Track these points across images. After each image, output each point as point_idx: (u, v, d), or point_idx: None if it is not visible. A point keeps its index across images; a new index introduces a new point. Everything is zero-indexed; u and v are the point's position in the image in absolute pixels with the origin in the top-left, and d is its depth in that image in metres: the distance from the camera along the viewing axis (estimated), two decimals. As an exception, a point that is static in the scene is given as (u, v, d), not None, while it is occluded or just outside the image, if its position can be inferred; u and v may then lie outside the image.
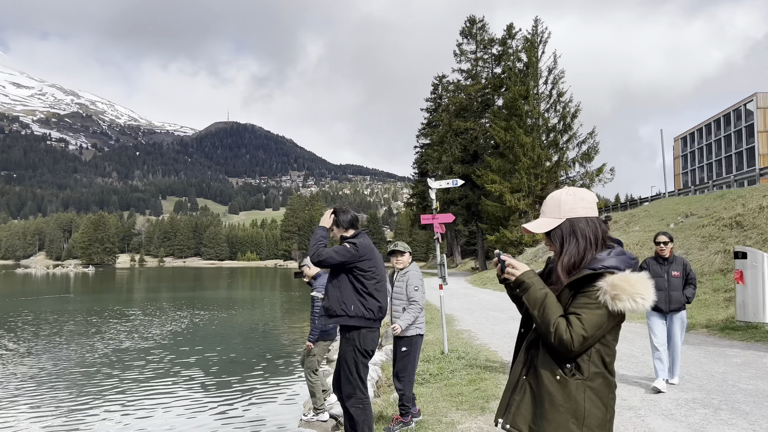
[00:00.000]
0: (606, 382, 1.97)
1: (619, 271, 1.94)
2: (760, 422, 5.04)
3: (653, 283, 1.94)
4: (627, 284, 1.88)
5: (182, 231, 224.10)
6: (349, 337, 4.33)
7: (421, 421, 5.38)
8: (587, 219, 2.08)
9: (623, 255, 2.02)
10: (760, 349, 8.41)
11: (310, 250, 4.21)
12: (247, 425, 8.45)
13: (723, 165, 74.26)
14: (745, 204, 18.17)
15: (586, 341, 1.91)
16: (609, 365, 1.99)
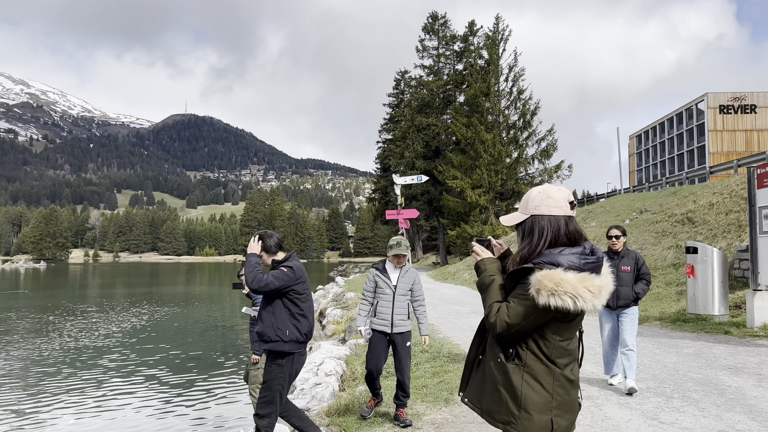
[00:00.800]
0: (547, 370, 2.09)
1: (555, 267, 2.01)
2: (709, 409, 5.29)
3: (599, 284, 2.01)
4: (549, 281, 1.97)
5: (138, 225, 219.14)
6: (282, 363, 4.29)
7: (388, 412, 5.46)
8: (549, 217, 2.16)
9: (575, 254, 2.07)
10: (709, 340, 8.78)
11: (249, 277, 4.14)
12: (205, 424, 8.39)
13: (676, 162, 76.66)
14: (696, 200, 18.85)
15: (510, 328, 2.06)
16: (552, 357, 2.09)
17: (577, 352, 2.21)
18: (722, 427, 4.77)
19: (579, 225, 2.20)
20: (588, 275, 2.02)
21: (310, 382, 7.60)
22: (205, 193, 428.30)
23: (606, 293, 2.05)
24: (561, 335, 2.10)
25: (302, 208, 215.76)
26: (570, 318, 2.07)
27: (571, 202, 2.20)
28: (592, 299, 1.99)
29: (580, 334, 2.41)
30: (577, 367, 2.20)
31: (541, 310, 2.01)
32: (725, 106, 70.60)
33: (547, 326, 2.09)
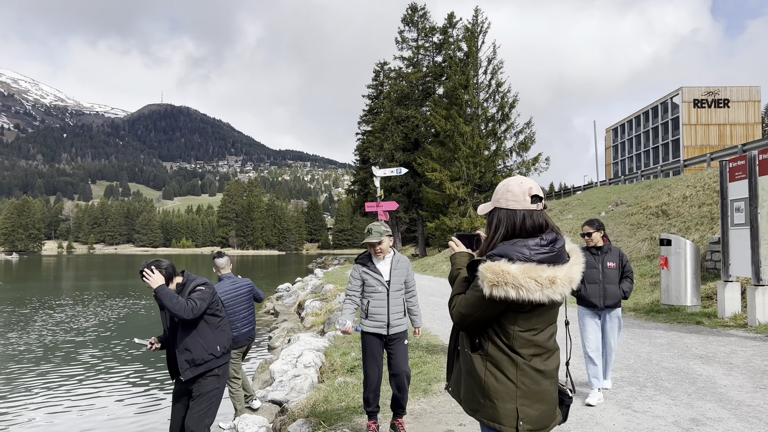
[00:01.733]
0: (509, 360, 2.12)
1: (501, 259, 2.05)
2: (681, 397, 5.42)
3: (548, 274, 2.02)
4: (491, 272, 2.02)
5: (113, 217, 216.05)
6: (219, 373, 4.29)
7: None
8: (507, 211, 2.20)
9: (526, 246, 2.10)
10: (681, 331, 8.97)
11: (177, 309, 3.97)
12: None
13: (651, 156, 77.80)
14: (671, 193, 19.17)
15: (464, 318, 2.15)
16: (514, 347, 2.12)
17: (551, 344, 2.21)
18: (693, 415, 4.89)
19: (545, 217, 2.21)
20: (534, 266, 2.03)
21: (289, 374, 7.59)
22: (182, 185, 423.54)
23: (564, 284, 2.06)
24: (520, 326, 2.12)
25: (280, 199, 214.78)
26: (527, 309, 2.09)
27: (534, 196, 2.20)
28: (538, 290, 2.00)
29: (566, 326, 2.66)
30: (553, 359, 2.21)
31: (489, 301, 2.05)
32: (699, 101, 71.75)
33: (503, 317, 2.11)
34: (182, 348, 4.16)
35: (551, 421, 2.20)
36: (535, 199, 2.20)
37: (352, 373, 7.25)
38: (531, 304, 2.06)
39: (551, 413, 2.20)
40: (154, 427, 7.72)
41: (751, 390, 5.60)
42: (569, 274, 2.09)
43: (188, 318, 4.01)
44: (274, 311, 18.69)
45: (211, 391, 4.24)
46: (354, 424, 4.95)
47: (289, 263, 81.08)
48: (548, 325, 2.19)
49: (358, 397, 5.79)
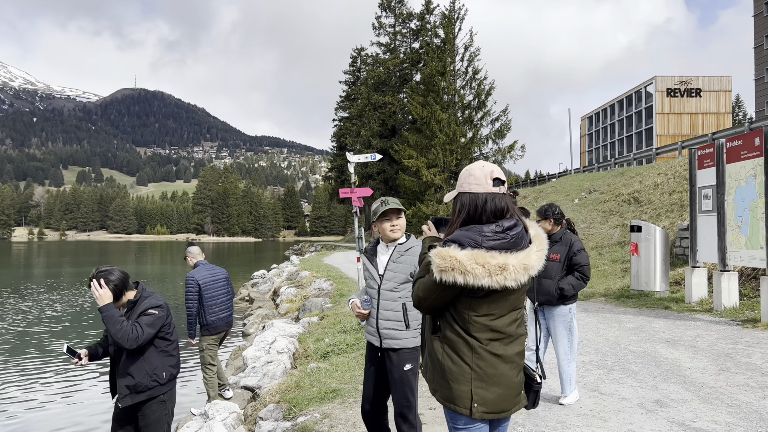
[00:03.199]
0: (464, 343, 2.15)
1: (452, 244, 2.06)
2: (647, 380, 5.53)
3: (497, 261, 2.02)
4: (439, 257, 2.04)
5: (86, 203, 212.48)
6: (164, 399, 3.84)
7: (337, 389, 5.50)
8: (469, 195, 2.18)
9: (479, 231, 2.10)
10: (649, 315, 9.14)
11: (120, 337, 3.52)
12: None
13: (625, 144, 78.81)
14: (642, 181, 19.45)
15: (422, 302, 2.18)
16: (470, 331, 2.14)
17: (512, 329, 2.20)
18: (658, 397, 5.00)
19: (507, 201, 2.18)
20: (483, 252, 2.03)
21: (262, 360, 7.58)
22: (156, 170, 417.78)
23: (518, 271, 2.05)
24: (476, 311, 2.13)
25: (257, 186, 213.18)
26: (481, 294, 2.09)
27: (495, 179, 2.18)
28: (486, 276, 2.01)
29: (535, 313, 2.70)
30: (515, 344, 2.21)
31: (440, 285, 2.08)
32: (672, 90, 72.78)
33: (458, 301, 2.13)
34: (123, 371, 3.73)
35: (511, 405, 2.22)
36: (497, 182, 2.19)
37: (325, 359, 7.25)
38: (484, 290, 2.06)
39: (510, 397, 2.21)
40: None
41: (715, 372, 5.74)
42: (524, 261, 2.08)
43: (130, 348, 3.58)
44: (249, 298, 18.59)
45: (159, 419, 3.82)
46: (325, 408, 4.96)
47: (265, 250, 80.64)
48: (509, 311, 2.18)
49: (330, 382, 5.81)
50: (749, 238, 8.30)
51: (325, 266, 21.86)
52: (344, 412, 4.85)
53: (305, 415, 4.75)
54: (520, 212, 2.27)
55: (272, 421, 4.96)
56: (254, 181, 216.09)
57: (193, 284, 6.72)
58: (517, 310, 2.22)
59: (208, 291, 6.80)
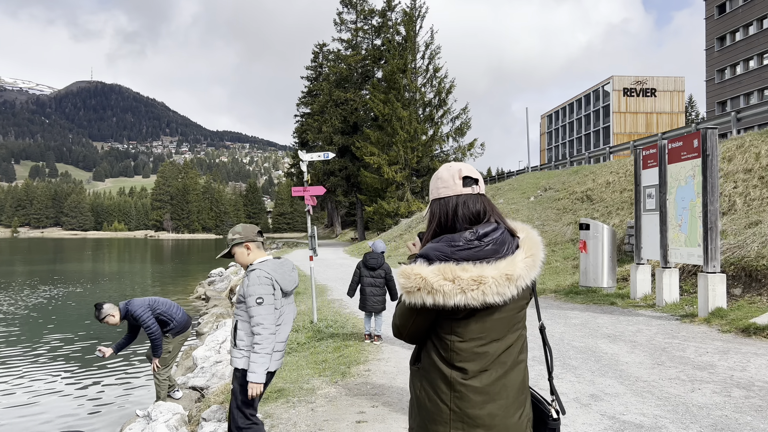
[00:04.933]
0: (441, 376, 1.80)
1: (419, 260, 1.78)
2: (585, 374, 5.71)
3: (469, 275, 1.72)
4: (403, 277, 1.77)
5: (39, 199, 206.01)
6: None
7: (282, 389, 5.51)
8: (439, 201, 1.91)
9: (448, 241, 1.81)
10: (595, 311, 9.41)
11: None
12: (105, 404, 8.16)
13: (583, 142, 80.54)
14: (595, 179, 19.94)
15: (401, 330, 1.88)
16: (452, 360, 1.79)
17: (506, 357, 1.82)
18: (593, 391, 5.17)
19: (484, 202, 1.89)
20: (452, 265, 1.73)
21: (211, 360, 7.54)
22: (114, 166, 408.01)
23: (500, 283, 1.72)
24: (459, 335, 1.79)
25: (218, 182, 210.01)
26: (462, 315, 1.77)
27: (465, 177, 1.89)
28: (458, 293, 1.70)
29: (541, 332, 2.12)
30: (511, 375, 1.82)
31: (413, 309, 1.79)
32: (628, 89, 74.69)
33: (438, 326, 1.81)
34: None
35: None
36: (468, 181, 1.89)
37: (276, 358, 7.25)
38: (463, 310, 1.74)
39: None
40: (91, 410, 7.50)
41: (650, 366, 5.96)
42: (507, 270, 1.74)
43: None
44: (206, 296, 18.38)
45: None
46: (268, 408, 4.97)
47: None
48: (506, 333, 1.82)
49: (276, 382, 5.82)
50: (688, 236, 8.62)
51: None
52: (287, 411, 4.88)
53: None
54: (502, 215, 1.94)
55: (215, 421, 4.95)
56: (215, 177, 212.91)
57: (145, 310, 6.47)
58: (517, 331, 1.87)
59: (157, 305, 6.66)
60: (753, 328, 7.01)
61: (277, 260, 3.85)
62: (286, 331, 3.75)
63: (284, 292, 3.71)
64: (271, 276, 3.62)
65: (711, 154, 8.10)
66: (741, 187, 12.03)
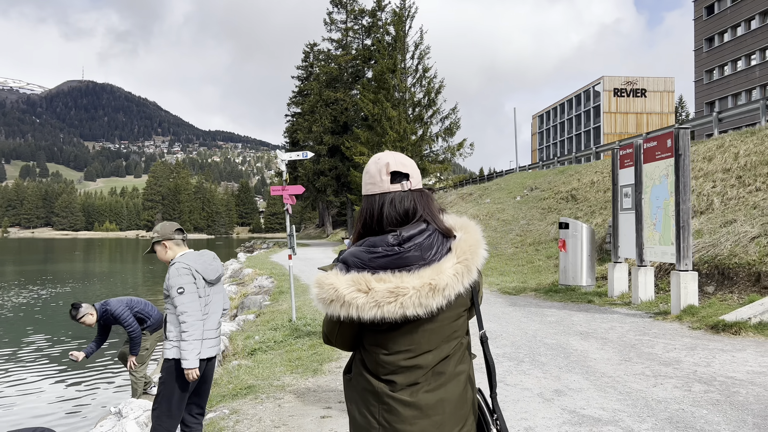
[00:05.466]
0: (369, 387, 1.65)
1: (340, 267, 1.62)
2: (552, 371, 5.80)
3: (384, 286, 1.55)
4: (316, 286, 1.61)
5: (30, 199, 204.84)
6: None
7: (253, 385, 5.57)
8: (366, 198, 1.72)
9: (367, 247, 1.62)
10: (572, 309, 9.51)
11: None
12: (82, 403, 8.20)
13: (574, 142, 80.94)
14: (580, 179, 20.09)
15: (330, 338, 1.73)
16: (381, 374, 1.64)
17: (441, 368, 1.65)
18: (558, 387, 5.26)
19: (414, 200, 1.68)
20: (367, 275, 1.56)
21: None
22: (105, 165, 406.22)
23: (424, 295, 1.54)
24: (385, 348, 1.63)
25: (210, 182, 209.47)
26: (385, 328, 1.61)
27: (394, 173, 1.69)
28: (374, 307, 1.53)
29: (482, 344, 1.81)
30: (443, 390, 1.64)
31: (333, 319, 1.64)
32: (619, 90, 75.16)
33: (364, 338, 1.67)
34: None
35: None
36: (397, 176, 1.69)
37: (252, 356, 7.32)
38: (385, 323, 1.58)
39: None
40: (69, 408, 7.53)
41: (617, 363, 6.05)
42: (432, 279, 1.55)
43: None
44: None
45: None
46: (236, 404, 5.03)
47: (217, 247, 79.46)
48: (439, 344, 1.64)
49: (248, 379, 5.88)
50: (662, 234, 8.74)
51: (270, 263, 21.78)
52: (254, 407, 4.94)
53: (214, 411, 4.82)
54: (437, 213, 1.71)
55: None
56: (207, 177, 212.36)
57: (124, 309, 6.54)
58: (454, 341, 1.68)
59: (134, 304, 6.74)
60: (722, 325, 7.13)
61: (197, 252, 4.04)
62: (215, 319, 3.92)
63: (207, 281, 3.87)
64: (189, 266, 3.78)
65: (683, 153, 8.22)
66: (719, 186, 12.19)
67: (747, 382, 5.17)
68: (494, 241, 18.35)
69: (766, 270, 8.03)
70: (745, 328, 6.96)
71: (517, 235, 18.09)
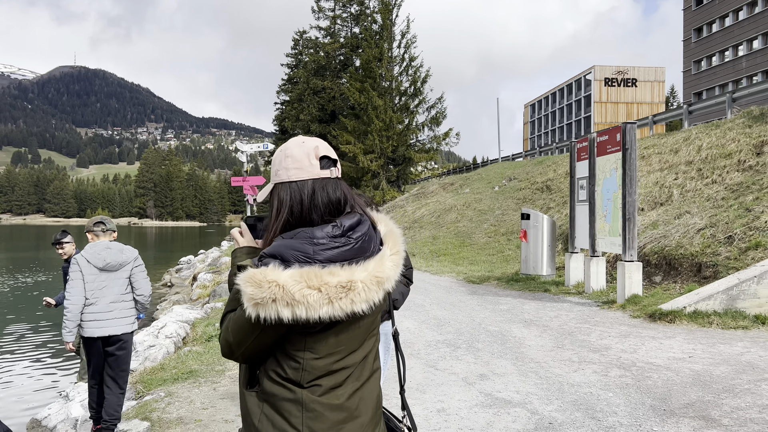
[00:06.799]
0: (289, 398, 1.48)
1: (272, 261, 1.42)
2: (485, 356, 6.07)
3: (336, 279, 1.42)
4: (250, 285, 1.40)
5: (21, 185, 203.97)
6: None
7: (195, 370, 5.82)
8: (290, 184, 1.55)
9: (306, 239, 1.46)
10: (527, 298, 9.79)
11: None
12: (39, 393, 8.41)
13: (565, 131, 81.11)
14: (556, 170, 20.33)
15: (235, 349, 1.50)
16: (304, 381, 1.48)
17: (365, 366, 1.58)
18: (484, 371, 5.53)
19: (344, 189, 1.59)
20: (317, 269, 1.42)
21: (146, 344, 7.82)
22: (98, 152, 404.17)
23: (370, 288, 1.46)
24: (315, 352, 1.48)
25: (203, 169, 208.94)
26: (320, 328, 1.46)
27: (323, 157, 1.58)
28: (326, 304, 1.40)
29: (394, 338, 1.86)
30: (366, 388, 1.57)
31: (259, 325, 1.42)
32: (610, 79, 75.23)
33: (288, 342, 1.48)
34: None
35: None
36: (326, 162, 1.58)
37: (208, 342, 7.56)
38: (323, 322, 1.43)
39: None
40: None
41: (549, 349, 6.33)
42: (376, 272, 1.48)
43: None
44: (170, 284, 18.63)
45: None
46: (173, 388, 5.28)
47: (208, 235, 79.58)
48: (362, 342, 1.56)
49: (193, 364, 6.13)
50: (612, 225, 9.01)
51: (251, 251, 21.96)
52: (190, 390, 5.19)
53: (151, 394, 5.07)
54: (363, 202, 1.64)
55: (132, 400, 5.25)
56: (200, 164, 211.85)
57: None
58: (373, 338, 1.62)
59: None
60: (658, 313, 7.42)
61: (98, 243, 4.54)
62: (105, 302, 4.38)
63: (98, 267, 4.39)
64: (78, 258, 4.40)
65: (630, 148, 8.47)
66: (681, 178, 12.46)
67: (663, 368, 5.46)
68: (468, 230, 18.62)
69: (706, 261, 8.32)
70: (680, 317, 7.24)
71: (491, 225, 18.36)
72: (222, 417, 4.51)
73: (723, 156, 12.06)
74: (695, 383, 4.94)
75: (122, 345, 4.44)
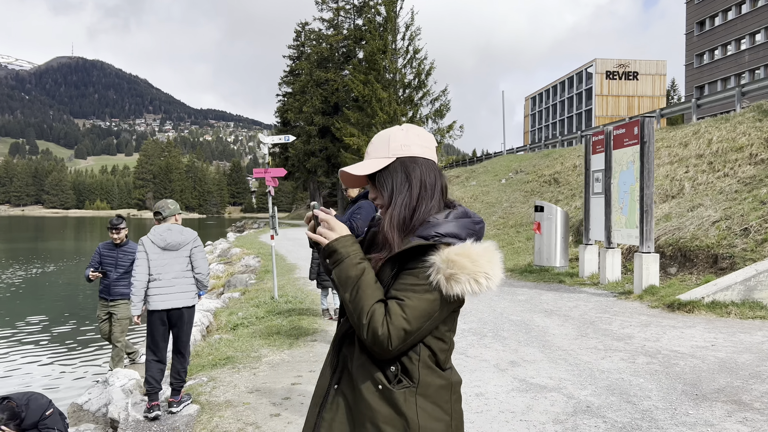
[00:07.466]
0: (443, 383, 1.49)
1: (459, 240, 1.45)
2: (512, 344, 6.22)
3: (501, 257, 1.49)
4: (468, 260, 1.41)
5: (20, 176, 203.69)
6: None
7: (231, 356, 5.97)
8: (424, 160, 1.56)
9: (466, 218, 1.51)
10: (543, 288, 9.95)
11: None
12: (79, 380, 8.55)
13: (566, 124, 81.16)
14: (563, 163, 20.46)
15: (409, 337, 1.43)
16: (443, 363, 1.51)
17: None
18: (514, 359, 5.68)
19: None
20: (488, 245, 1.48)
21: (173, 332, 7.96)
22: (96, 143, 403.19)
23: None
24: (453, 329, 1.54)
25: (201, 160, 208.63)
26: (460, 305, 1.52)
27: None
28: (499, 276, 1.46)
29: None
30: None
31: (447, 302, 1.44)
32: (611, 72, 75.19)
33: (443, 322, 1.49)
34: None
35: None
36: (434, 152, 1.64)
37: (234, 331, 7.70)
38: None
39: None
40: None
41: (573, 338, 6.48)
42: None
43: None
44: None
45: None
46: (214, 373, 5.42)
47: (208, 227, 79.64)
48: None
49: (227, 350, 6.27)
50: (628, 218, 9.15)
51: (258, 243, 22.14)
52: (231, 375, 5.33)
53: (194, 379, 5.21)
54: None
55: (166, 385, 5.38)
56: (199, 156, 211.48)
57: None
58: None
59: None
60: (677, 303, 7.57)
61: (161, 225, 4.88)
62: (168, 278, 4.70)
63: (160, 247, 4.70)
64: (143, 239, 4.73)
65: (648, 141, 8.60)
66: (692, 171, 12.60)
67: (688, 355, 5.61)
68: (477, 222, 18.75)
69: (722, 252, 8.47)
70: (699, 307, 7.40)
71: (500, 217, 18.51)
72: (268, 400, 4.66)
73: (734, 149, 12.20)
74: (722, 370, 5.10)
75: (185, 318, 4.75)
